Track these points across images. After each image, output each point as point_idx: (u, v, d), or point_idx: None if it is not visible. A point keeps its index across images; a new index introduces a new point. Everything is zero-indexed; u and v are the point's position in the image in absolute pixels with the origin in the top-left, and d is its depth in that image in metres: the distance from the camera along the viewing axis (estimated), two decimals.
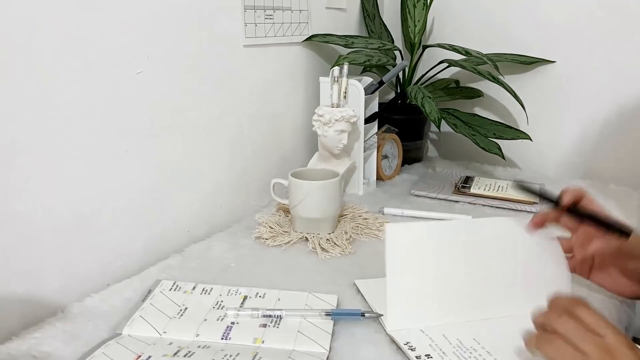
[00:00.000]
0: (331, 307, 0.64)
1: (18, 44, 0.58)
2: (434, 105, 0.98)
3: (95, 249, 0.70)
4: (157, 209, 0.79)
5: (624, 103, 1.12)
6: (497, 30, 1.23)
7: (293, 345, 0.56)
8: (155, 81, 0.75)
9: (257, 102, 0.96)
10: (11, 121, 0.58)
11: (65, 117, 0.64)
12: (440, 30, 1.31)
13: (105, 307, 0.65)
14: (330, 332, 0.59)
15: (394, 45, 1.14)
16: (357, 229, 0.88)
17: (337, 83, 0.95)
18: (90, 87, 0.66)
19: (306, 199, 0.83)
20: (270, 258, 0.79)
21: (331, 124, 0.93)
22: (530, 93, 1.20)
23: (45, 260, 0.64)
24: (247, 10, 0.89)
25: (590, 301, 0.66)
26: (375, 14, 1.26)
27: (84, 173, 0.67)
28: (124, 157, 0.72)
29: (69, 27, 0.62)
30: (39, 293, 0.64)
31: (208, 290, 0.67)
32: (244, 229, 0.88)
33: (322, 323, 0.60)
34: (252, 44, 0.92)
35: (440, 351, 0.55)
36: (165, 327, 0.59)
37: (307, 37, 1.05)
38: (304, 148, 1.11)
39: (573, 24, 1.13)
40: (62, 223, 0.65)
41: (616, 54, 1.11)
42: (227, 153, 0.91)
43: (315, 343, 0.56)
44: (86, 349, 0.55)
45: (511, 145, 1.24)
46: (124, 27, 0.69)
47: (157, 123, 0.77)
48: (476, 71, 1.04)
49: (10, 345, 0.57)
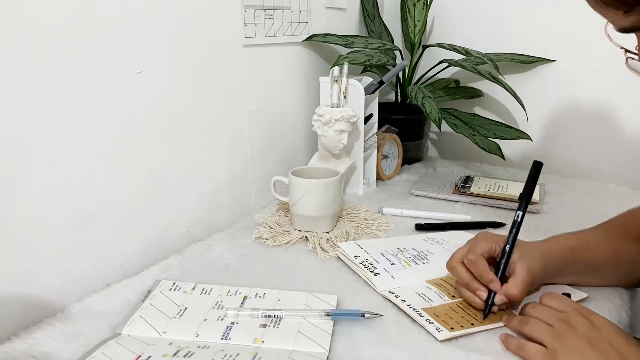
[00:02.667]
0: (331, 307, 0.64)
1: (18, 44, 0.58)
2: (435, 105, 0.98)
3: (94, 249, 0.70)
4: (157, 208, 0.79)
5: (624, 103, 1.12)
6: (497, 30, 1.23)
7: (293, 345, 0.56)
8: (154, 81, 0.75)
9: (256, 102, 0.96)
10: (11, 121, 0.58)
11: (64, 117, 0.64)
12: (440, 30, 1.31)
13: (105, 307, 0.65)
14: (330, 332, 0.58)
15: (394, 45, 1.14)
16: (357, 228, 0.88)
17: (337, 83, 0.95)
18: (89, 86, 0.66)
19: (305, 197, 0.83)
20: (270, 258, 0.79)
21: (331, 124, 0.93)
22: (530, 93, 1.20)
23: (44, 260, 0.64)
24: (246, 10, 0.89)
25: (590, 300, 0.66)
26: (375, 13, 1.26)
27: (83, 173, 0.67)
28: (123, 157, 0.72)
29: (68, 27, 0.62)
30: (39, 293, 0.64)
31: (208, 290, 0.67)
32: (243, 229, 0.88)
33: (322, 323, 0.60)
34: (251, 43, 0.92)
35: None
36: (165, 327, 0.59)
37: (307, 37, 1.05)
38: (304, 148, 1.11)
39: (573, 23, 1.13)
40: (61, 223, 0.65)
41: (616, 54, 1.10)
42: (226, 153, 0.91)
43: (315, 343, 0.56)
44: (86, 349, 0.55)
45: (511, 145, 1.24)
46: (124, 26, 0.69)
47: (156, 123, 0.77)
48: (476, 71, 1.04)
49: (10, 346, 0.57)
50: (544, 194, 1.05)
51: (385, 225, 0.89)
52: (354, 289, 0.69)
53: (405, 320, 0.62)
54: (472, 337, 0.58)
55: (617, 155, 1.16)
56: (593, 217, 0.74)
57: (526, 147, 1.23)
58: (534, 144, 1.21)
